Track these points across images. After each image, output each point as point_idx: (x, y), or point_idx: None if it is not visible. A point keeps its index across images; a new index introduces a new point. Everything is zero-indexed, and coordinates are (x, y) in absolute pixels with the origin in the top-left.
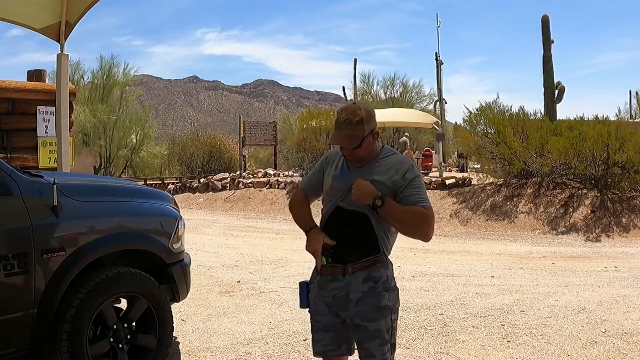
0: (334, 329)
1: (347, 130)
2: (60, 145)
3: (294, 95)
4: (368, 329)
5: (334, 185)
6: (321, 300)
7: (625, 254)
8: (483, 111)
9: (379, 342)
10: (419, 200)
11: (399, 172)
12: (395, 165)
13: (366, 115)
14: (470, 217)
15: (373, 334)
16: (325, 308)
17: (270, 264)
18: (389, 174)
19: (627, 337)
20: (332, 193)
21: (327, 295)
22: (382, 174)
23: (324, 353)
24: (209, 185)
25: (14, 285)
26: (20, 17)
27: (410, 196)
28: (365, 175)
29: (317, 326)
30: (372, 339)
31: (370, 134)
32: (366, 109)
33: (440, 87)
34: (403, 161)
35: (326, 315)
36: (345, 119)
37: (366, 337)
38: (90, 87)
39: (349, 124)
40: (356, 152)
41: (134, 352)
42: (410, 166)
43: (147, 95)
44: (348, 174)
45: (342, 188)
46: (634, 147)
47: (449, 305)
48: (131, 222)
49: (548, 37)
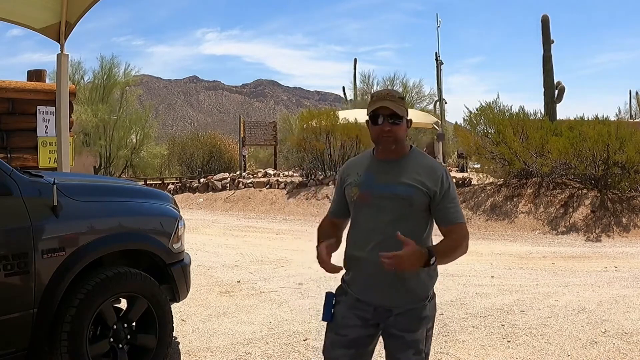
0: (358, 345)
1: (391, 102)
2: (60, 145)
3: (294, 95)
4: (405, 339)
5: (363, 195)
6: (354, 313)
7: (625, 254)
8: (483, 111)
9: (412, 352)
10: (458, 217)
11: (433, 178)
12: (428, 169)
13: (406, 110)
14: (470, 217)
15: (409, 344)
16: (357, 321)
17: (270, 264)
18: (422, 177)
19: (627, 337)
20: (362, 202)
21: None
22: (414, 176)
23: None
24: (209, 185)
25: (14, 285)
26: (20, 17)
27: (448, 211)
28: (394, 177)
29: (340, 341)
30: (407, 350)
31: (407, 122)
32: (405, 105)
33: (440, 87)
34: (436, 166)
35: (357, 328)
36: (387, 94)
37: (401, 348)
38: (90, 87)
39: (393, 97)
40: (396, 129)
41: (134, 352)
42: (444, 172)
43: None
44: (374, 177)
45: (373, 194)
46: (634, 147)
47: (449, 305)
48: (131, 222)
49: (548, 37)
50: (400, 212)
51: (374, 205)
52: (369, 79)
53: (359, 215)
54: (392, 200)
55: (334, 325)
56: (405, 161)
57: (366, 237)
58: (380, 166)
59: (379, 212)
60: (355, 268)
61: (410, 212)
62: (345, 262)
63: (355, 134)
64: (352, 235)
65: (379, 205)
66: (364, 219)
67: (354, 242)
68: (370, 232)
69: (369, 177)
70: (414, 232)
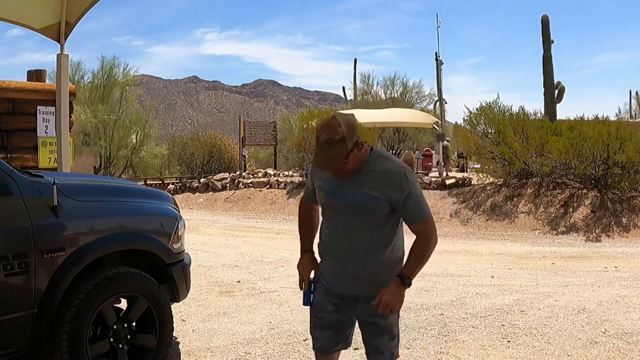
0: (336, 327)
1: (329, 151)
2: (60, 145)
3: (294, 95)
4: (379, 325)
5: (329, 201)
6: (328, 299)
7: (625, 254)
8: (483, 111)
9: (388, 338)
10: (420, 217)
11: (394, 185)
12: (388, 176)
13: (347, 131)
14: (470, 217)
15: (383, 330)
16: (332, 307)
17: (270, 264)
18: (383, 187)
19: (627, 337)
20: (329, 208)
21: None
22: (376, 186)
23: (324, 349)
24: (209, 185)
25: (14, 285)
26: (20, 17)
27: (411, 211)
28: (356, 187)
29: (319, 323)
30: (382, 336)
31: (355, 147)
32: (347, 123)
33: (440, 87)
34: (395, 170)
35: (332, 313)
36: (326, 139)
37: (376, 334)
38: (90, 87)
39: (331, 143)
40: (343, 168)
41: (134, 352)
42: (403, 176)
43: (147, 95)
44: (337, 187)
45: (337, 203)
46: (634, 147)
47: (449, 305)
48: (131, 222)
49: (548, 37)
50: (364, 219)
51: (339, 212)
52: (369, 79)
53: (327, 217)
54: (355, 209)
55: (313, 309)
56: (365, 170)
57: (334, 237)
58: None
59: (344, 219)
60: (325, 261)
61: (373, 219)
62: (319, 251)
63: None
64: (323, 229)
65: (344, 212)
66: (331, 222)
67: (323, 239)
68: (338, 234)
69: (334, 186)
70: (380, 235)
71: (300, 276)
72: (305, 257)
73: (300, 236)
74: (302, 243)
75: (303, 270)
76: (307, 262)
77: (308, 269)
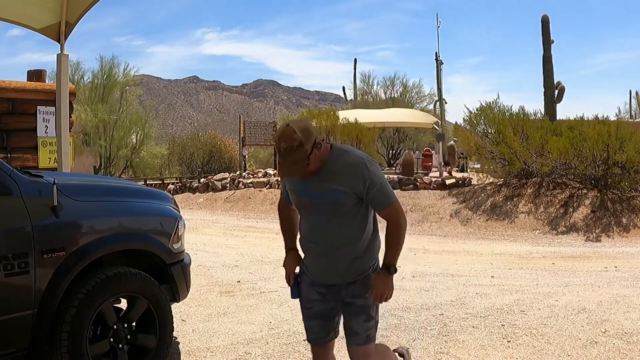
0: (324, 316)
1: (290, 157)
2: (60, 145)
3: (294, 95)
4: (356, 305)
5: (301, 201)
6: (314, 289)
7: (625, 254)
8: (483, 111)
9: (364, 318)
10: (386, 202)
11: (356, 177)
12: (350, 169)
13: (304, 136)
14: (470, 217)
15: (359, 309)
16: (317, 296)
17: (270, 264)
18: (346, 180)
19: (627, 337)
20: (303, 207)
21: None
22: (339, 180)
23: (315, 340)
24: (209, 185)
25: (14, 285)
26: (20, 17)
27: (376, 200)
28: (322, 184)
29: (307, 314)
30: (358, 315)
31: (315, 148)
32: (302, 128)
33: (440, 87)
34: (355, 162)
35: (318, 302)
36: (285, 148)
37: (353, 313)
38: (90, 87)
39: (290, 150)
40: (307, 170)
41: (134, 352)
42: (364, 166)
43: (147, 95)
44: (306, 187)
45: (309, 201)
46: (634, 147)
47: (449, 305)
48: (131, 222)
49: (548, 37)
50: (336, 213)
51: (312, 209)
52: (369, 79)
53: (303, 215)
54: (326, 205)
55: (302, 301)
56: (327, 167)
57: (311, 232)
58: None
59: (317, 214)
60: (307, 255)
61: (343, 211)
62: (301, 247)
63: (355, 133)
64: (301, 227)
65: (316, 209)
66: (306, 218)
67: (303, 235)
68: (314, 230)
69: (303, 185)
70: (353, 226)
71: (286, 273)
72: (289, 254)
73: (283, 235)
74: (286, 242)
75: (288, 266)
76: (291, 259)
77: (293, 265)
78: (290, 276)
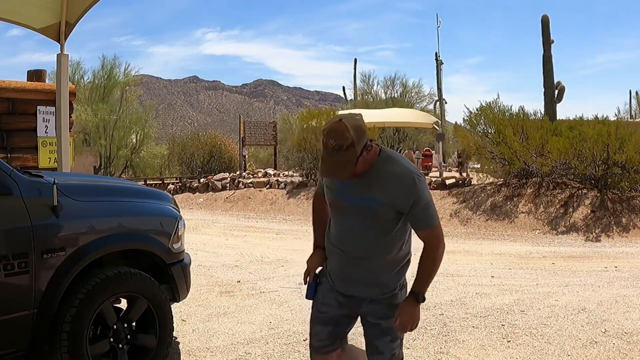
0: (335, 323)
1: (338, 157)
2: (60, 145)
3: (294, 95)
4: (381, 326)
5: (336, 201)
6: (333, 296)
7: (625, 254)
8: (483, 111)
9: (389, 339)
10: (428, 224)
11: (402, 190)
12: (397, 181)
13: (356, 136)
14: (470, 217)
15: (386, 331)
16: (335, 302)
17: (270, 264)
18: (390, 191)
19: (627, 337)
20: (335, 208)
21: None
22: (383, 190)
23: (319, 349)
24: (209, 185)
25: (14, 285)
26: (20, 17)
27: (418, 222)
28: (364, 189)
29: (319, 317)
30: (384, 336)
31: (364, 150)
32: (355, 127)
33: (440, 87)
34: (404, 174)
35: (334, 307)
36: (334, 146)
37: (378, 335)
38: (90, 87)
39: (339, 149)
40: (352, 172)
41: (134, 352)
42: (412, 181)
43: (147, 95)
44: (346, 188)
45: (344, 203)
46: (634, 147)
47: (449, 305)
48: (131, 222)
49: (548, 37)
50: (369, 221)
51: (345, 213)
52: (369, 79)
53: (334, 216)
54: (361, 211)
55: (316, 303)
56: (372, 172)
57: (339, 237)
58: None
59: (350, 219)
60: (331, 260)
61: (378, 222)
62: (326, 249)
63: None
64: (330, 228)
65: (350, 213)
66: (337, 221)
67: (330, 238)
68: (343, 234)
69: (344, 186)
70: (386, 239)
71: (307, 269)
72: (316, 252)
73: (314, 230)
74: (315, 238)
75: (311, 264)
76: (316, 257)
77: (317, 264)
78: (311, 273)
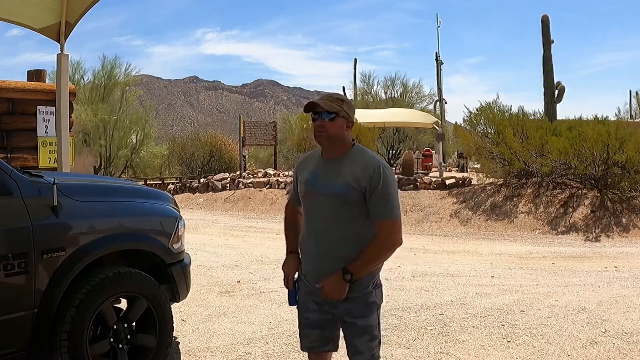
0: (322, 326)
1: (325, 100)
2: (60, 145)
3: (294, 95)
4: (358, 325)
5: (308, 192)
6: (310, 298)
7: (625, 254)
8: (483, 111)
9: (368, 338)
10: (383, 214)
11: (366, 175)
12: (363, 165)
13: (347, 102)
14: (470, 217)
15: (362, 330)
16: (314, 306)
17: (270, 264)
18: (356, 174)
19: (627, 337)
20: (307, 201)
21: (317, 294)
22: (350, 172)
23: (311, 349)
24: (209, 185)
25: (14, 285)
26: (20, 17)
27: (374, 207)
28: (334, 174)
29: (305, 323)
30: (362, 335)
31: (345, 120)
32: (349, 102)
33: (440, 87)
34: (371, 162)
35: (315, 312)
36: (326, 94)
37: (356, 334)
38: (90, 87)
39: (329, 96)
40: (327, 126)
41: (134, 352)
42: (377, 168)
43: (147, 95)
44: (319, 177)
45: (316, 192)
46: (634, 147)
47: (449, 305)
48: (131, 222)
49: (548, 37)
50: (337, 207)
51: (316, 202)
52: (369, 79)
53: (305, 209)
54: (330, 197)
55: (299, 309)
56: (346, 158)
57: (310, 231)
58: (325, 165)
59: (320, 208)
60: (306, 261)
61: (346, 207)
62: (300, 250)
63: (355, 133)
64: (303, 227)
65: (321, 202)
66: (308, 213)
67: (302, 236)
68: (313, 226)
69: (316, 176)
70: (353, 229)
71: (285, 275)
72: (290, 257)
73: (286, 237)
74: (288, 244)
75: (287, 269)
76: (291, 262)
77: (293, 269)
78: (289, 279)
